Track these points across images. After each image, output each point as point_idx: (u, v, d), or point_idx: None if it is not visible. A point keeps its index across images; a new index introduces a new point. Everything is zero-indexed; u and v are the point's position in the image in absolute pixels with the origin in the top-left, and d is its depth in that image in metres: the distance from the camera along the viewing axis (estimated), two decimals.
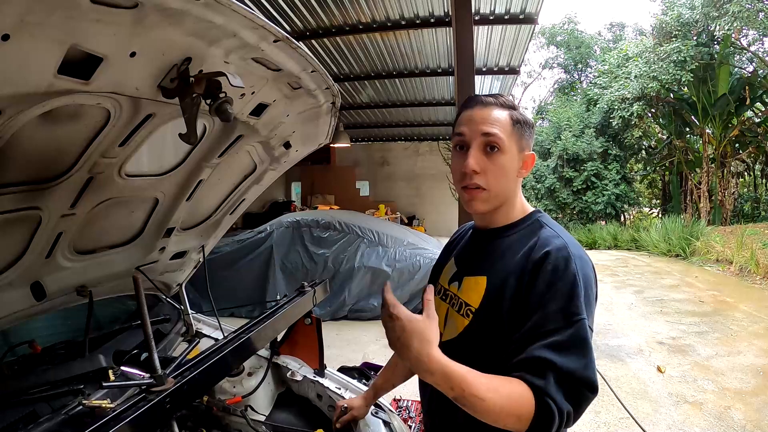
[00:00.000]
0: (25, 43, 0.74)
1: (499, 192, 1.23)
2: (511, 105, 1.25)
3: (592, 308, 1.13)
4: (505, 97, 1.26)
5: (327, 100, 1.66)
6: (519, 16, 6.08)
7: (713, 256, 10.46)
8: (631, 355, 5.23)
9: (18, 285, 1.41)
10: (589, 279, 1.14)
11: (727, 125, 15.34)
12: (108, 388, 1.32)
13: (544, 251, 1.14)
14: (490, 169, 1.21)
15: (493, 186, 1.22)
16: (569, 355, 1.04)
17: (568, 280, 1.09)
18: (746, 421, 3.75)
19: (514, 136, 1.23)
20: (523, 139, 1.25)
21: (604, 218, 18.13)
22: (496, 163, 1.21)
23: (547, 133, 20.04)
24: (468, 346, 1.24)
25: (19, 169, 1.11)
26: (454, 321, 1.29)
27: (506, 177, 1.23)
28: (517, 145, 1.24)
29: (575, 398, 1.04)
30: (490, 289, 1.21)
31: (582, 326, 1.07)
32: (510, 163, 1.23)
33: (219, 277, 6.42)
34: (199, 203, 1.86)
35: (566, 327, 1.06)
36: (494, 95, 1.26)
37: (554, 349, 1.05)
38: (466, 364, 1.16)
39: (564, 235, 1.20)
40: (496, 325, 1.17)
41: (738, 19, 12.87)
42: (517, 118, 1.24)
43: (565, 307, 1.08)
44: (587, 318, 1.09)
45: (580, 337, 1.06)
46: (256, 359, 2.01)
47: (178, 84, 1.05)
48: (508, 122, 1.23)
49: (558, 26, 26.64)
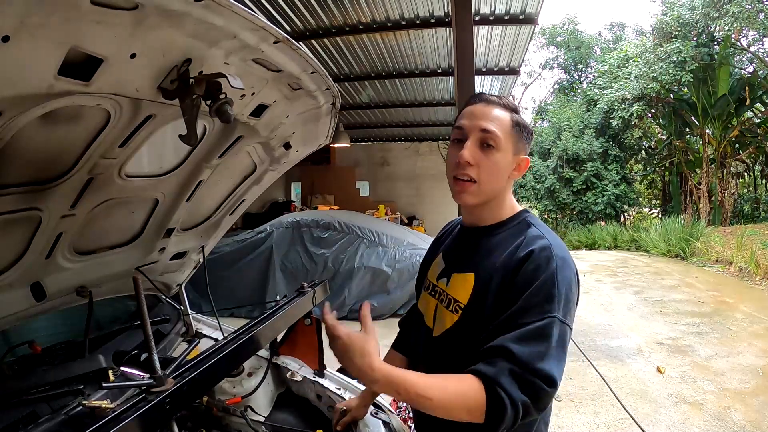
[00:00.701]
0: (26, 45, 0.74)
1: (488, 188, 1.26)
2: (513, 108, 1.28)
3: (570, 308, 1.15)
4: (509, 100, 1.29)
5: (327, 100, 1.66)
6: (519, 16, 6.08)
7: (713, 257, 10.46)
8: (630, 355, 5.23)
9: (18, 285, 1.41)
10: (568, 280, 1.15)
11: (727, 126, 15.34)
12: (108, 389, 1.32)
13: (528, 250, 1.16)
14: (483, 163, 1.23)
15: (483, 180, 1.24)
16: (527, 346, 1.06)
17: (547, 278, 1.12)
18: (746, 422, 3.75)
19: (511, 137, 1.25)
20: (520, 142, 1.27)
21: (603, 218, 18.14)
22: (490, 158, 1.23)
23: (547, 134, 20.05)
24: (457, 341, 1.26)
25: (20, 169, 1.11)
26: (443, 317, 1.30)
27: (498, 174, 1.25)
28: (514, 146, 1.26)
29: (531, 390, 1.05)
30: (478, 285, 1.23)
31: (550, 323, 1.08)
32: (503, 161, 1.25)
33: (219, 277, 6.42)
34: (199, 204, 1.86)
35: (535, 321, 1.08)
36: (499, 96, 1.29)
37: (515, 339, 1.07)
38: (454, 359, 1.22)
39: (549, 235, 1.22)
40: (483, 322, 1.18)
41: (738, 20, 12.88)
42: (518, 121, 1.27)
43: (539, 304, 1.10)
44: (563, 317, 1.11)
45: (545, 332, 1.08)
46: (256, 360, 2.01)
47: (178, 85, 1.05)
48: (508, 122, 1.25)
49: (558, 26, 26.63)
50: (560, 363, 1.09)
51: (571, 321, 1.15)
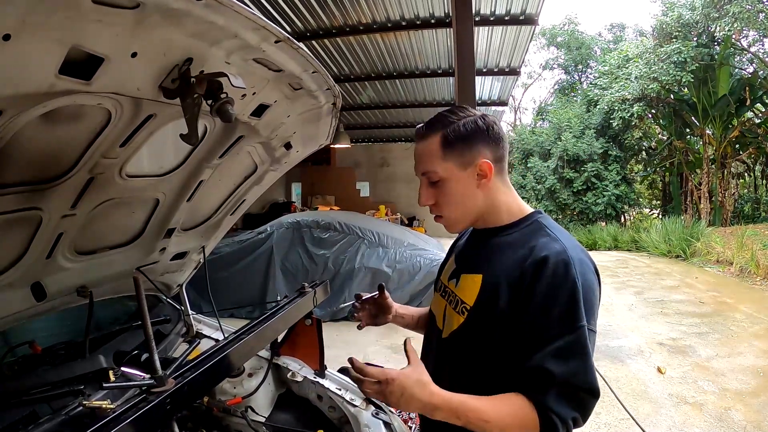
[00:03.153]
0: (26, 44, 0.74)
1: (458, 215, 1.26)
2: (444, 124, 1.22)
3: (594, 312, 1.13)
4: (439, 116, 1.25)
5: (328, 100, 1.66)
6: (519, 16, 6.09)
7: (713, 257, 10.45)
8: (631, 356, 5.23)
9: (18, 285, 1.41)
10: (590, 282, 1.13)
11: (728, 126, 15.33)
12: (108, 389, 1.32)
13: (542, 255, 1.13)
14: (440, 199, 1.25)
15: (448, 213, 1.26)
16: (569, 363, 1.06)
17: (569, 285, 1.09)
18: (746, 422, 3.75)
19: (450, 158, 1.21)
20: (465, 155, 1.21)
21: (604, 219, 18.11)
22: (443, 191, 1.23)
23: (547, 134, 20.03)
24: (463, 343, 1.25)
25: (20, 169, 1.11)
26: (451, 318, 1.29)
27: (459, 200, 1.24)
28: (458, 164, 1.21)
29: (578, 405, 1.06)
30: (485, 287, 1.21)
31: (582, 333, 1.07)
32: (456, 185, 1.23)
33: (219, 277, 6.42)
34: (199, 204, 1.86)
35: (567, 333, 1.07)
36: (429, 122, 1.25)
37: (555, 357, 1.06)
38: (460, 361, 1.23)
39: (563, 238, 1.19)
40: (490, 325, 1.17)
41: (738, 20, 12.87)
42: (450, 137, 1.21)
43: (566, 313, 1.08)
44: (589, 323, 1.09)
45: (580, 344, 1.07)
46: (257, 360, 2.01)
47: (179, 84, 1.05)
48: (438, 149, 1.21)
49: (558, 27, 26.60)
50: (594, 371, 1.09)
51: (596, 323, 1.13)
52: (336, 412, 1.87)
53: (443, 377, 1.24)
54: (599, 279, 1.20)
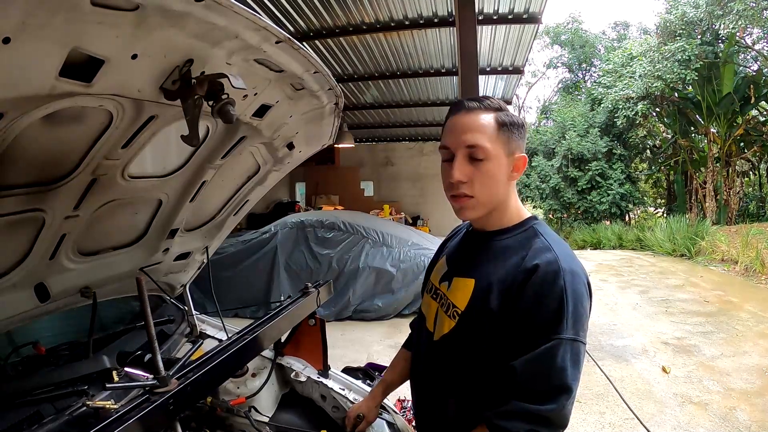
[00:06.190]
0: (27, 46, 0.74)
1: (487, 199, 1.22)
2: (497, 107, 1.21)
3: (583, 323, 1.12)
4: (491, 99, 1.22)
5: (330, 100, 1.66)
6: (523, 15, 6.06)
7: (718, 256, 10.39)
8: (635, 355, 5.21)
9: (22, 286, 1.42)
10: (578, 294, 1.12)
11: (732, 124, 15.24)
12: (112, 389, 1.32)
13: (533, 263, 1.13)
14: (476, 177, 1.18)
15: (480, 194, 1.20)
16: (532, 391, 1.09)
17: (555, 296, 1.09)
18: (751, 422, 3.73)
19: (500, 140, 1.19)
20: (511, 142, 1.21)
21: (608, 218, 18.07)
22: (483, 171, 1.18)
23: (551, 133, 19.98)
24: (453, 347, 1.25)
25: (23, 171, 1.11)
26: (443, 322, 1.29)
27: (494, 184, 1.21)
28: (505, 149, 1.20)
29: (533, 419, 1.08)
30: (476, 292, 1.21)
31: (557, 344, 1.07)
32: (497, 169, 1.20)
33: (223, 277, 6.44)
34: (202, 204, 1.86)
35: (544, 343, 1.08)
36: (480, 98, 1.22)
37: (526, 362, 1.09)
38: (450, 365, 1.24)
39: (557, 246, 1.18)
40: (480, 330, 1.17)
41: (742, 18, 12.80)
42: (504, 120, 1.20)
43: (548, 322, 1.09)
44: (577, 335, 1.09)
45: (550, 355, 1.08)
46: (260, 360, 2.01)
47: (180, 86, 1.05)
48: (493, 127, 1.19)
49: (562, 25, 26.51)
50: (574, 381, 1.09)
51: (585, 335, 1.12)
52: (339, 412, 1.86)
53: (434, 379, 1.24)
54: (590, 291, 1.18)
